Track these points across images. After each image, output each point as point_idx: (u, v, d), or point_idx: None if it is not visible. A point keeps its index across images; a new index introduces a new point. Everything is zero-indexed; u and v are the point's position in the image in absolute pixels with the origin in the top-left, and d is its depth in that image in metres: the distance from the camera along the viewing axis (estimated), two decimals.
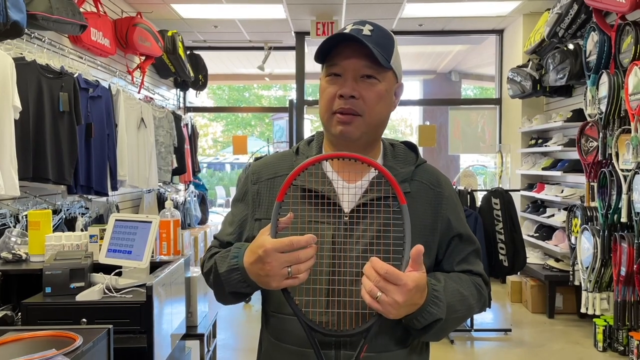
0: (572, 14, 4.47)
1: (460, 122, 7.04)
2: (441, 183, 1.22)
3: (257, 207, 1.21)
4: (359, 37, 1.08)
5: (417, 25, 6.47)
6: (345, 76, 1.12)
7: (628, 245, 3.65)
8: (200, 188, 7.06)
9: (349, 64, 1.11)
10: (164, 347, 1.82)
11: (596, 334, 4.11)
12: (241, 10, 5.80)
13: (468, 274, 1.20)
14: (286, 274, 0.99)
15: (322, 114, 1.17)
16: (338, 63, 1.12)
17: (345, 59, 1.11)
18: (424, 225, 1.15)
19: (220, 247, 1.26)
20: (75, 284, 1.77)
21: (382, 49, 1.11)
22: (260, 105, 17.30)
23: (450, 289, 1.10)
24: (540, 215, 5.45)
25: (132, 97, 4.80)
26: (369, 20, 1.15)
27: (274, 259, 0.99)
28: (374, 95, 1.12)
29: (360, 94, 1.11)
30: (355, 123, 1.12)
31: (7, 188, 2.79)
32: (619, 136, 3.83)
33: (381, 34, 1.13)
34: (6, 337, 1.20)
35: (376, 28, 1.13)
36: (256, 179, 1.24)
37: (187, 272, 2.25)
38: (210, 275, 1.18)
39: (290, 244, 0.98)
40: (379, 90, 1.13)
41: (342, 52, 1.11)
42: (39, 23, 3.16)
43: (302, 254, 0.99)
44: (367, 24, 1.12)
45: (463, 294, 1.13)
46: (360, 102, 1.11)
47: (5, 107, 2.81)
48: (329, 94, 1.13)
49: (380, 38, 1.12)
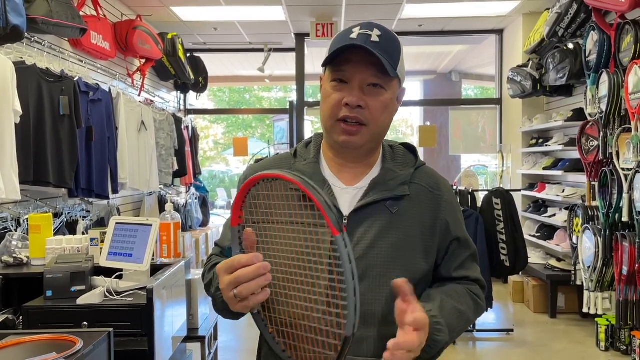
0: (572, 13, 4.46)
1: (460, 122, 7.04)
2: (440, 186, 1.21)
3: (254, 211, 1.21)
4: (368, 45, 1.06)
5: (417, 26, 6.47)
6: (352, 84, 1.09)
7: (629, 244, 3.65)
8: (201, 190, 7.07)
9: (357, 72, 1.09)
10: (165, 349, 1.82)
11: (598, 333, 4.11)
12: (241, 12, 5.81)
13: (465, 280, 1.19)
14: (234, 297, 0.93)
15: (325, 120, 1.15)
16: (346, 70, 1.09)
17: (353, 66, 1.09)
18: (423, 228, 1.14)
19: (221, 255, 1.26)
20: (76, 287, 1.77)
21: (390, 57, 1.09)
22: (260, 107, 17.30)
23: (447, 308, 1.09)
24: (542, 215, 5.45)
25: (133, 100, 4.80)
26: (376, 23, 1.12)
27: (221, 281, 0.96)
28: (380, 105, 1.11)
29: (367, 103, 1.09)
30: (360, 133, 1.11)
31: (8, 192, 2.79)
32: (620, 135, 3.82)
33: (389, 40, 1.10)
34: (7, 340, 1.20)
35: (384, 33, 1.10)
36: None
37: (188, 275, 2.25)
38: (210, 289, 1.18)
39: (232, 265, 0.94)
40: (385, 100, 1.11)
41: (350, 59, 1.08)
42: (39, 27, 3.17)
43: (241, 275, 0.92)
44: (375, 28, 1.09)
45: (460, 310, 1.12)
46: (366, 111, 1.10)
47: (5, 111, 2.81)
48: (334, 100, 1.11)
49: (389, 44, 1.09)
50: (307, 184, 0.88)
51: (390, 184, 1.15)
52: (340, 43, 1.09)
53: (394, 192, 1.14)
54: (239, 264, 0.93)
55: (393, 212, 1.13)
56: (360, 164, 1.18)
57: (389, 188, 1.15)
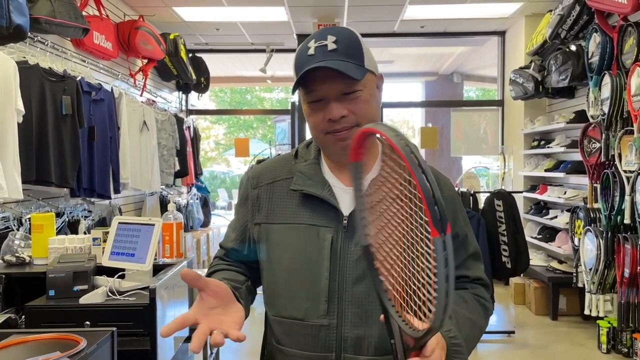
0: (574, 15, 4.46)
1: (462, 124, 7.03)
2: (440, 183, 1.21)
3: (256, 212, 1.21)
4: (326, 58, 1.05)
5: (419, 27, 6.47)
6: (327, 99, 1.09)
7: (631, 246, 3.64)
8: (203, 190, 7.07)
9: (326, 88, 1.08)
10: (167, 349, 1.82)
11: (600, 335, 4.10)
12: (243, 12, 5.81)
13: (463, 279, 1.19)
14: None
15: (316, 137, 1.16)
16: (316, 89, 1.09)
17: (320, 83, 1.08)
18: None
19: (225, 257, 1.27)
20: (79, 287, 1.77)
21: (353, 58, 1.07)
22: (262, 107, 17.30)
23: (461, 320, 1.07)
24: (543, 217, 5.44)
25: (135, 100, 4.80)
26: (330, 27, 1.11)
27: None
28: (361, 105, 1.10)
29: (349, 110, 1.09)
30: (352, 134, 1.11)
31: (10, 191, 2.79)
32: (622, 137, 3.82)
33: (346, 42, 1.09)
34: (10, 340, 1.20)
35: (339, 36, 1.08)
36: (256, 184, 1.24)
37: None
38: None
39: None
40: (365, 97, 1.10)
41: (315, 77, 1.07)
42: (42, 27, 3.17)
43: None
44: (329, 35, 1.08)
45: (472, 319, 1.11)
46: (350, 116, 1.09)
47: (8, 110, 2.81)
48: (316, 120, 1.12)
49: (347, 46, 1.08)
50: (416, 167, 0.76)
51: None
52: (301, 64, 1.09)
53: None
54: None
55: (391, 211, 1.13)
56: None
57: None
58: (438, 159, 9.34)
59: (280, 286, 1.15)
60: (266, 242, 1.19)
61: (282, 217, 1.17)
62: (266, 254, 1.19)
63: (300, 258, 1.12)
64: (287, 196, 1.18)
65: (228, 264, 1.26)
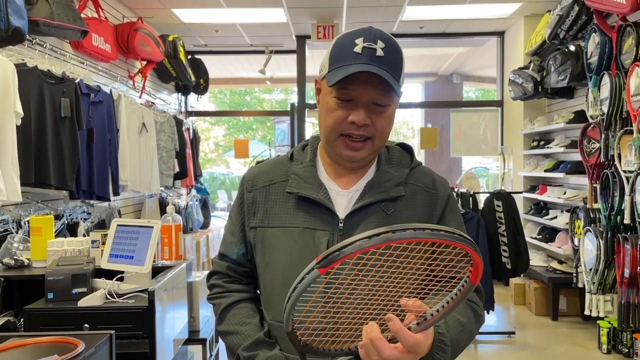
0: (573, 15, 4.46)
1: (462, 125, 7.04)
2: (436, 184, 1.21)
3: (252, 216, 1.20)
4: (374, 63, 1.05)
5: (418, 28, 6.47)
6: (358, 102, 1.08)
7: (631, 246, 3.64)
8: (202, 192, 7.07)
9: (363, 91, 1.07)
10: (166, 352, 1.82)
11: (600, 336, 4.10)
12: (242, 14, 5.81)
13: None
14: None
15: (328, 134, 1.13)
16: (351, 89, 1.08)
17: (359, 85, 1.07)
18: None
19: (228, 270, 1.25)
20: (78, 290, 1.76)
21: (394, 70, 1.07)
22: (261, 108, 17.29)
23: (451, 321, 1.06)
24: (543, 217, 5.44)
25: (134, 102, 4.80)
26: (377, 30, 1.10)
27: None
28: (385, 121, 1.11)
29: (373, 120, 1.09)
30: (365, 148, 1.12)
31: (9, 194, 2.79)
32: (621, 137, 3.81)
33: (393, 52, 1.08)
34: (9, 343, 1.20)
35: (388, 44, 1.08)
36: (251, 187, 1.23)
37: (189, 277, 2.25)
38: (234, 347, 1.18)
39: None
40: (389, 114, 1.12)
41: (356, 77, 1.06)
42: (41, 29, 3.16)
43: None
44: (379, 40, 1.07)
45: (463, 323, 1.09)
46: (371, 127, 1.10)
47: (7, 112, 2.81)
48: (338, 117, 1.10)
49: (393, 58, 1.08)
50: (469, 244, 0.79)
51: (386, 186, 1.16)
52: (343, 56, 1.07)
53: (389, 194, 1.15)
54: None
55: (388, 214, 1.13)
56: (356, 168, 1.19)
57: (384, 190, 1.15)
58: (438, 159, 9.34)
59: (277, 291, 1.14)
60: (262, 246, 1.18)
61: (278, 220, 1.17)
62: (262, 257, 1.18)
63: (296, 262, 1.11)
64: (283, 199, 1.18)
65: (238, 291, 1.24)
